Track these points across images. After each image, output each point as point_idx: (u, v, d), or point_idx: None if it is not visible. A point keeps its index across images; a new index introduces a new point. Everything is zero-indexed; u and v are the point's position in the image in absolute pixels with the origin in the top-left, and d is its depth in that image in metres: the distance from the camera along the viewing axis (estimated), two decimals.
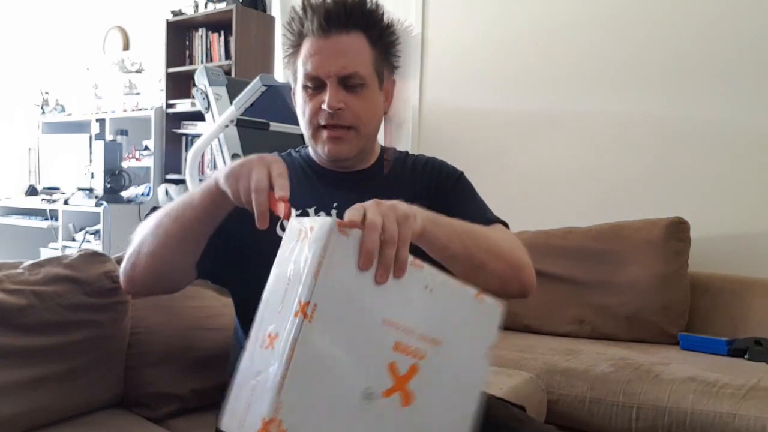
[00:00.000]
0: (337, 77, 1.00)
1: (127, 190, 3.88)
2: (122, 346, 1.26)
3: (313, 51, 1.00)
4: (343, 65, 1.00)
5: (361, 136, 1.05)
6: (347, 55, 1.00)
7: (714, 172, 2.39)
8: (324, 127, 1.03)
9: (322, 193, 1.09)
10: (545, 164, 2.75)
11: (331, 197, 1.07)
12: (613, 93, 2.62)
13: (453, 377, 0.76)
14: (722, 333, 2.07)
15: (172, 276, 1.02)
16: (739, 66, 2.34)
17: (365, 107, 1.04)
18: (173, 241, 0.95)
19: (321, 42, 1.00)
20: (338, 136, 1.03)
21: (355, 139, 1.05)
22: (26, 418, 1.10)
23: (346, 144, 1.04)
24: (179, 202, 0.96)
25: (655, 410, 1.61)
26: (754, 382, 1.64)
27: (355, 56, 1.01)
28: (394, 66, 1.09)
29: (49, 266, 1.18)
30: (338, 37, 1.00)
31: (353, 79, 1.01)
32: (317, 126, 1.03)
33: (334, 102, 1.00)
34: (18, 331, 1.09)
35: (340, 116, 1.01)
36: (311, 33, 1.00)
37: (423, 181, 1.14)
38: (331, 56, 1.00)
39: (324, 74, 1.00)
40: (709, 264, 2.29)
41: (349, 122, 1.02)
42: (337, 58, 1.00)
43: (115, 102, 4.40)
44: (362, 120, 1.04)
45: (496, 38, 2.93)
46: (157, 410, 1.27)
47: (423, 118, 3.14)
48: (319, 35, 1.00)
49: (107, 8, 4.58)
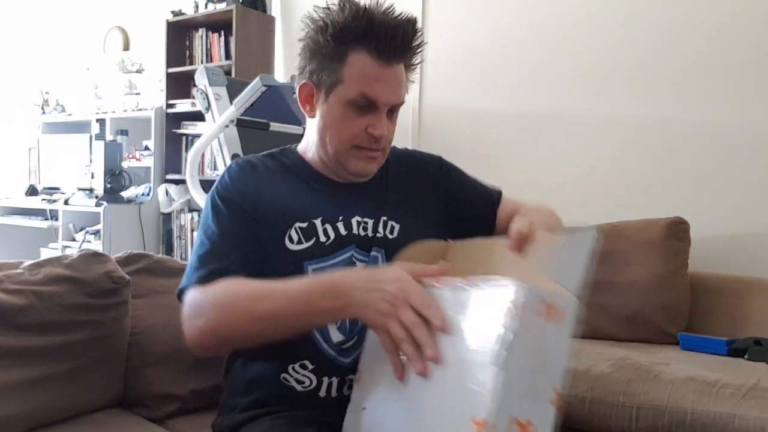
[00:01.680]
0: (390, 106, 1.03)
1: (127, 190, 3.88)
2: (122, 347, 1.27)
3: (376, 76, 0.99)
4: (399, 95, 1.04)
5: (385, 155, 1.10)
6: (401, 86, 1.04)
7: (714, 173, 2.39)
8: (362, 148, 1.05)
9: (325, 203, 1.09)
10: (545, 164, 2.75)
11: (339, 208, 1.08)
12: (613, 94, 2.62)
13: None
14: (722, 333, 2.06)
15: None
16: (739, 67, 2.34)
17: (394, 131, 1.08)
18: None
19: (384, 69, 1.00)
20: (375, 156, 1.06)
21: (382, 158, 1.09)
22: (27, 417, 1.10)
23: (376, 163, 1.08)
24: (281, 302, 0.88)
25: (655, 410, 1.61)
26: (754, 382, 1.64)
27: (404, 87, 1.05)
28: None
29: (49, 266, 1.19)
30: (398, 66, 1.02)
31: (398, 108, 1.06)
32: (355, 146, 1.04)
33: (385, 131, 1.03)
34: (18, 331, 1.09)
35: (382, 142, 1.05)
36: (373, 53, 0.98)
37: (415, 177, 1.18)
38: (392, 86, 1.02)
39: (382, 102, 1.01)
40: (709, 264, 2.28)
41: (384, 145, 1.07)
42: (397, 89, 1.03)
43: (115, 102, 4.40)
44: (391, 141, 1.09)
45: (496, 38, 2.93)
46: (157, 410, 1.27)
47: (423, 118, 3.14)
48: (383, 61, 0.99)
49: (107, 8, 4.58)
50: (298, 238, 1.04)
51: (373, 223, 1.09)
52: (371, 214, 1.09)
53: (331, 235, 1.06)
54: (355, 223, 1.08)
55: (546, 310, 0.68)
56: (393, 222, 1.10)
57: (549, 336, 0.68)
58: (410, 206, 1.13)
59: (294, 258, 1.03)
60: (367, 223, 1.09)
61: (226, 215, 1.03)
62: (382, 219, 1.09)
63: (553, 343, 0.68)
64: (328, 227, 1.06)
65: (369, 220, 1.09)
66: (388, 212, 1.11)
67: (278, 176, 1.10)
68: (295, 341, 0.94)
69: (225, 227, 1.02)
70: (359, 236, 1.08)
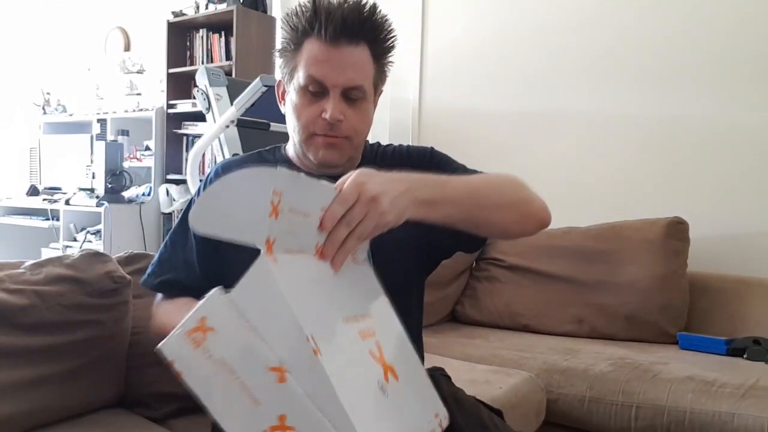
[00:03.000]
0: (341, 88, 1.01)
1: (128, 191, 3.88)
2: (123, 346, 1.27)
3: (322, 57, 0.99)
4: (351, 78, 1.00)
5: (353, 145, 1.07)
6: (355, 68, 1.01)
7: (713, 172, 2.40)
8: (320, 135, 1.03)
9: None
10: (545, 164, 2.76)
11: None
12: (612, 94, 2.62)
13: (397, 334, 0.79)
14: (721, 332, 2.07)
15: None
16: (739, 67, 2.34)
17: (361, 119, 1.05)
18: None
19: (331, 50, 0.99)
20: (333, 143, 1.03)
21: (348, 148, 1.06)
22: (28, 417, 1.11)
23: (338, 151, 1.04)
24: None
25: (654, 409, 1.61)
26: (753, 381, 1.65)
27: (362, 70, 1.02)
28: (386, 77, 1.10)
29: (50, 266, 1.19)
30: (348, 48, 0.99)
31: (355, 92, 1.02)
32: (312, 133, 1.03)
33: (336, 114, 1.00)
34: (19, 331, 1.10)
35: (338, 127, 1.02)
36: (321, 37, 0.99)
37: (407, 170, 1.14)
38: (340, 67, 1.00)
39: (330, 84, 1.00)
40: (708, 264, 2.29)
41: (346, 133, 1.03)
42: (345, 69, 1.00)
43: (116, 102, 4.40)
44: (357, 131, 1.05)
45: (495, 38, 2.93)
46: (158, 410, 1.28)
47: (423, 118, 3.15)
48: (330, 43, 0.98)
49: (108, 9, 4.58)
50: None
51: None
52: None
53: None
54: None
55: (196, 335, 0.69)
56: None
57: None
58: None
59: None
60: None
61: (184, 230, 1.09)
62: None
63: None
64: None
65: None
66: None
67: None
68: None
69: (181, 241, 1.10)
70: None
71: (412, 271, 1.13)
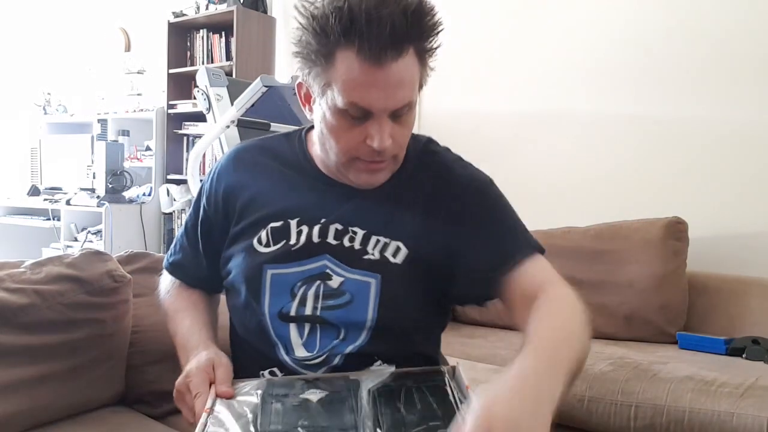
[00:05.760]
0: (389, 112, 0.86)
1: (128, 191, 3.89)
2: (124, 345, 1.27)
3: (365, 80, 0.82)
4: (400, 99, 0.85)
5: (398, 161, 0.94)
6: (403, 85, 0.85)
7: (712, 172, 2.40)
8: (364, 160, 0.90)
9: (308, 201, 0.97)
10: (544, 164, 2.76)
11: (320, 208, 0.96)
12: (612, 94, 2.62)
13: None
14: (720, 332, 2.07)
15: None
16: (739, 67, 2.35)
17: (407, 133, 0.91)
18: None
19: (376, 71, 0.81)
20: (379, 168, 0.91)
21: (393, 165, 0.93)
22: (28, 416, 1.11)
23: (384, 173, 0.93)
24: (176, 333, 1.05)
25: (654, 409, 1.61)
26: (752, 381, 1.64)
27: (410, 83, 0.86)
28: (429, 70, 0.91)
29: (50, 265, 1.19)
30: (395, 64, 0.82)
31: (404, 109, 0.87)
32: (355, 158, 0.90)
33: (386, 142, 0.86)
34: (20, 330, 1.10)
35: (385, 152, 0.88)
36: (362, 53, 0.81)
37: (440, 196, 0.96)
38: (387, 89, 0.83)
39: (377, 110, 0.85)
40: (707, 264, 2.29)
41: (393, 153, 0.90)
42: (394, 91, 0.84)
43: (117, 103, 4.41)
44: (403, 146, 0.92)
45: (496, 39, 2.94)
46: (159, 407, 1.28)
47: (423, 118, 3.15)
48: (373, 62, 0.81)
49: (109, 10, 4.59)
50: (267, 239, 0.95)
51: (363, 235, 0.93)
52: (363, 224, 0.94)
53: (302, 240, 0.94)
54: (333, 230, 0.94)
55: None
56: (399, 243, 0.93)
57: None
58: (422, 229, 0.94)
59: (255, 261, 0.95)
60: (355, 234, 0.93)
61: (194, 214, 1.09)
62: (376, 237, 0.93)
63: None
64: (304, 229, 0.94)
65: (359, 230, 0.93)
66: (392, 230, 0.93)
67: (268, 171, 1.01)
68: (260, 349, 0.96)
69: (192, 223, 1.09)
70: (334, 246, 0.93)
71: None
